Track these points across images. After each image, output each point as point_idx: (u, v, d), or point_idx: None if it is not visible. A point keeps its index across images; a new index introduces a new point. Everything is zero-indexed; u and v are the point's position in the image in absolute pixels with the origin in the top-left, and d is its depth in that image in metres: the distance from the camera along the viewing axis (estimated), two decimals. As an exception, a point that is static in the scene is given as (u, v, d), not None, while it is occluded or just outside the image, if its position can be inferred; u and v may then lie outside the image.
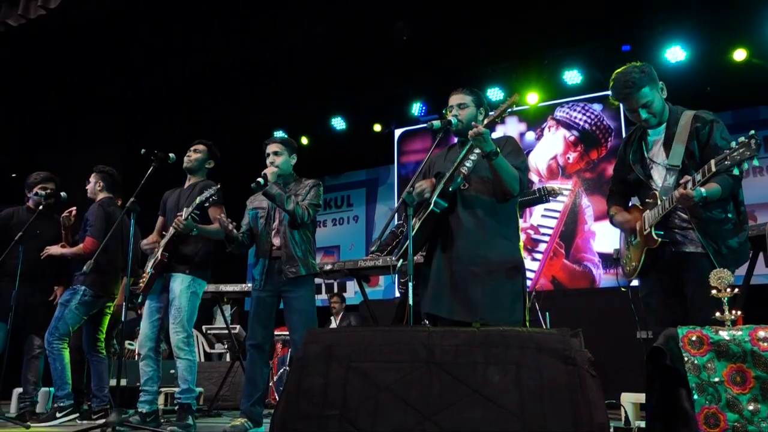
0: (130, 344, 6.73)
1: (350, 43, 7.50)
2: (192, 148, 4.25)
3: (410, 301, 2.85)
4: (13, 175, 7.50)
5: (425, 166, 3.28)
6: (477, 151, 3.03)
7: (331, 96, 8.87)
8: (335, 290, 9.09)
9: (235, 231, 3.73)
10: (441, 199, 3.05)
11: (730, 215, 2.68)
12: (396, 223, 5.29)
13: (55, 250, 4.58)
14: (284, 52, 7.49)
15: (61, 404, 4.41)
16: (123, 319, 3.77)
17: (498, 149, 2.94)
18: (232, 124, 9.09)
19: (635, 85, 2.80)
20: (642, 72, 2.83)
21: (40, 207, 4.66)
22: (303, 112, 9.22)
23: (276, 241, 3.76)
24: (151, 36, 7.03)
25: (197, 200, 3.83)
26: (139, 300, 4.08)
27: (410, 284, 2.86)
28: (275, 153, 3.87)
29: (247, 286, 5.83)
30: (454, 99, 3.26)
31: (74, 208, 4.76)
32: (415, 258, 3.51)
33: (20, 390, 4.72)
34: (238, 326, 7.42)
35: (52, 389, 5.20)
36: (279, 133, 9.52)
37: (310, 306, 3.70)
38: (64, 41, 6.95)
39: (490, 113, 3.27)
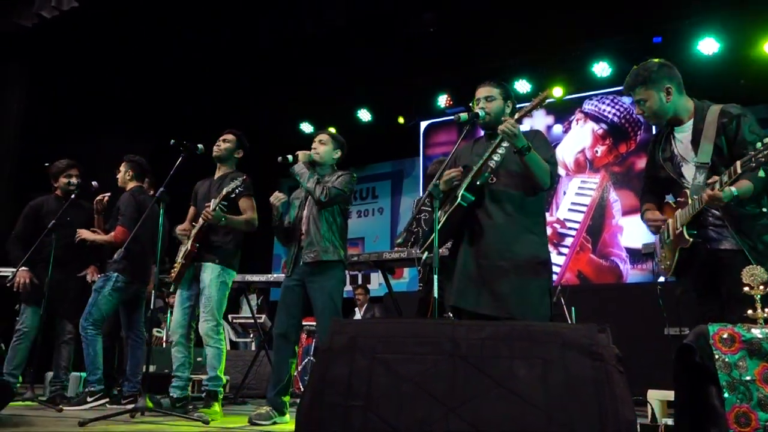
0: (158, 331, 6.83)
1: (376, 35, 7.48)
2: (221, 138, 4.29)
3: (435, 294, 2.84)
4: (46, 164, 7.66)
5: (451, 159, 3.26)
6: (505, 144, 3.01)
7: (356, 88, 8.87)
8: (360, 282, 9.13)
9: (281, 207, 3.74)
10: (468, 192, 3.03)
11: (765, 209, 2.62)
12: (411, 219, 5.30)
13: (87, 234, 4.67)
14: (310, 44, 7.51)
15: (92, 389, 4.50)
16: (152, 306, 3.84)
17: (530, 144, 2.91)
18: (259, 116, 9.15)
19: (627, 84, 2.89)
20: (644, 70, 2.84)
21: (72, 195, 4.76)
22: (329, 104, 9.24)
23: (303, 228, 3.78)
24: (181, 27, 7.11)
25: (224, 191, 3.87)
26: (171, 289, 4.15)
27: (435, 277, 2.86)
28: (320, 141, 3.90)
29: (273, 277, 5.88)
30: (482, 91, 3.24)
31: (108, 194, 4.85)
32: (440, 251, 3.49)
33: (51, 374, 4.83)
34: (263, 316, 7.49)
35: (82, 374, 5.30)
36: (306, 126, 9.56)
37: (333, 295, 3.65)
38: (95, 32, 7.05)
39: (518, 106, 3.25)
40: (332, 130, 8.54)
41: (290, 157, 3.71)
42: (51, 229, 4.52)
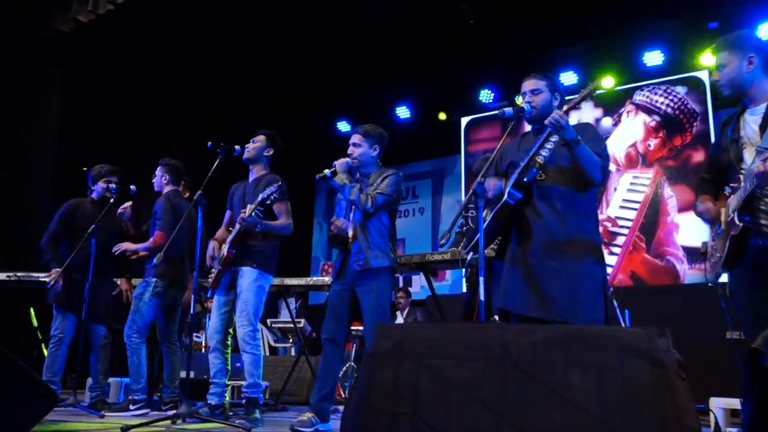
0: (197, 337, 6.95)
1: (414, 28, 7.47)
2: (252, 139, 4.35)
3: (482, 296, 2.82)
4: (84, 168, 7.88)
5: (496, 156, 3.23)
6: (553, 138, 2.97)
7: (395, 84, 8.88)
8: (401, 285, 9.12)
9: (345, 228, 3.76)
10: (515, 190, 3.00)
11: None
12: (460, 221, 5.25)
13: (127, 245, 4.77)
14: (347, 39, 7.55)
15: (136, 397, 4.59)
16: (191, 311, 3.90)
17: (579, 136, 2.87)
18: (295, 116, 9.25)
19: (716, 46, 2.82)
20: (732, 35, 2.81)
21: (111, 201, 4.87)
22: (366, 101, 9.28)
23: (350, 232, 3.79)
24: (217, 27, 7.22)
25: (259, 198, 3.91)
26: (208, 295, 4.22)
27: (481, 278, 2.83)
28: (354, 144, 3.86)
29: (312, 280, 5.93)
30: (527, 84, 3.20)
31: (129, 203, 4.94)
32: (487, 251, 3.47)
33: (91, 380, 4.94)
34: (303, 320, 7.56)
35: (123, 380, 5.43)
36: (343, 125, 9.62)
37: (382, 300, 3.64)
38: (131, 35, 7.23)
39: (566, 99, 3.20)
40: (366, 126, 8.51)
41: (327, 171, 3.70)
42: (90, 234, 4.63)
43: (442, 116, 9.38)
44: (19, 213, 7.40)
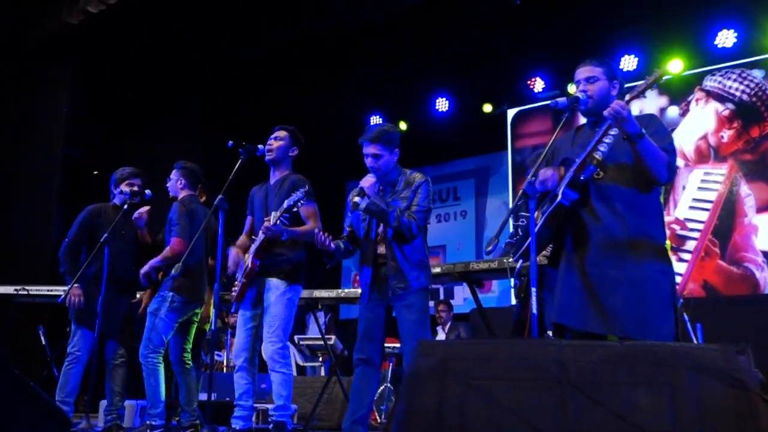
0: (217, 355, 7.04)
1: (453, 11, 7.46)
2: (273, 136, 4.36)
3: (534, 309, 2.80)
4: (95, 172, 8.05)
5: (549, 152, 3.22)
6: (613, 132, 2.94)
7: (433, 74, 8.88)
8: (441, 297, 9.11)
9: (332, 246, 3.79)
10: (571, 189, 2.98)
11: None
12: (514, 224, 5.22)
13: (144, 269, 4.76)
14: (379, 26, 7.59)
15: (154, 422, 4.65)
16: (212, 327, 3.95)
17: (642, 129, 2.84)
18: (322, 110, 9.30)
19: None
20: None
21: (125, 206, 4.94)
22: (401, 93, 9.29)
23: (381, 249, 3.80)
24: (233, 19, 7.32)
25: (285, 205, 3.93)
26: (233, 309, 4.26)
27: (533, 289, 2.82)
28: (374, 156, 3.79)
29: (344, 292, 5.94)
30: (582, 72, 3.18)
31: (145, 208, 5.01)
32: (539, 259, 3.44)
33: (105, 402, 5.02)
34: (333, 336, 7.59)
35: (139, 402, 5.51)
36: (376, 123, 9.64)
37: (422, 315, 3.69)
38: (142, 28, 7.38)
39: (627, 87, 3.17)
40: (373, 121, 8.55)
41: (360, 200, 3.69)
42: (104, 243, 4.70)
43: (487, 108, 9.35)
44: (27, 221, 7.60)
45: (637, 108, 7.65)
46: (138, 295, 5.22)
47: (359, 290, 5.70)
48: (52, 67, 7.82)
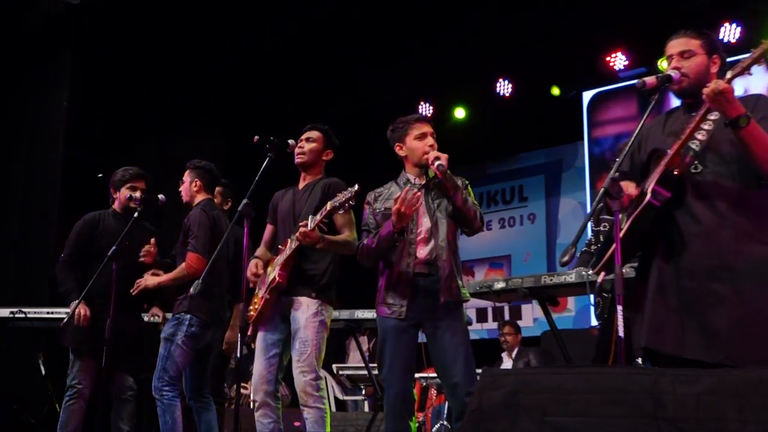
0: (244, 387, 7.11)
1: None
2: (304, 137, 4.39)
3: (620, 332, 2.78)
4: (99, 175, 8.21)
5: (635, 142, 3.19)
6: (713, 117, 2.91)
7: (492, 51, 8.85)
8: (507, 317, 9.05)
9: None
10: (662, 187, 2.95)
11: None
12: (589, 236, 5.19)
13: (152, 280, 4.87)
14: (426, 3, 7.61)
15: (169, 467, 4.70)
16: (237, 355, 3.98)
17: (749, 114, 2.80)
18: (358, 101, 9.33)
19: None
20: None
21: (135, 214, 4.99)
22: (455, 76, 9.27)
23: (422, 252, 3.81)
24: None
25: (328, 206, 3.93)
26: (249, 332, 4.24)
27: (618, 307, 2.80)
28: (433, 135, 3.96)
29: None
30: (675, 45, 3.15)
31: (153, 240, 5.04)
32: (625, 271, 3.41)
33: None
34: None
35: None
36: (426, 109, 9.65)
37: (466, 338, 3.79)
38: (154, 8, 7.51)
39: (729, 61, 3.12)
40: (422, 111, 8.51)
41: (442, 163, 3.73)
42: (111, 258, 4.77)
43: (556, 91, 9.29)
44: (23, 234, 7.73)
45: (741, 87, 7.50)
46: (146, 318, 5.28)
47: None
48: (49, 54, 7.95)
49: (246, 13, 7.73)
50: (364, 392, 7.85)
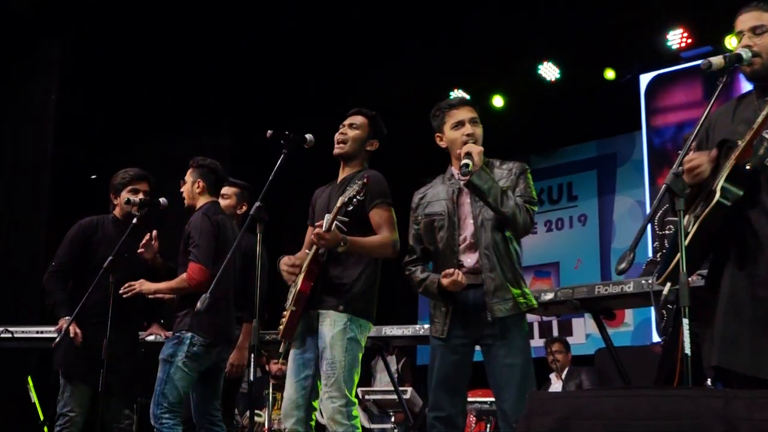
0: (258, 415, 7.14)
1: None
2: (347, 122, 4.34)
3: (686, 349, 2.77)
4: (93, 176, 8.28)
5: (701, 131, 3.17)
6: (791, 102, 2.89)
7: (535, 30, 8.83)
8: (555, 333, 9.02)
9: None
10: (732, 185, 2.93)
11: None
12: (654, 243, 5.15)
13: (148, 286, 4.85)
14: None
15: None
16: (249, 378, 3.98)
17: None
18: (386, 87, 9.33)
19: None
20: None
21: (134, 219, 4.99)
22: (493, 59, 9.26)
23: (469, 260, 3.80)
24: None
25: (339, 201, 3.90)
26: (280, 350, 4.24)
27: (684, 321, 2.78)
28: (473, 121, 3.90)
29: (423, 329, 5.95)
30: (746, 20, 3.14)
31: (153, 232, 5.05)
32: (691, 279, 3.39)
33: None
34: (409, 389, 7.61)
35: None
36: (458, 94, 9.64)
37: (524, 357, 3.70)
38: (157, 2, 7.57)
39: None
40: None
41: (468, 162, 3.71)
42: (107, 269, 4.78)
43: (610, 74, 9.25)
44: (8, 242, 7.76)
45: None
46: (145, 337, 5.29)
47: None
48: (37, 41, 7.98)
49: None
50: (393, 419, 7.84)
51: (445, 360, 3.81)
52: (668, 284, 3.19)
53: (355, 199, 3.88)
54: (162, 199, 5.09)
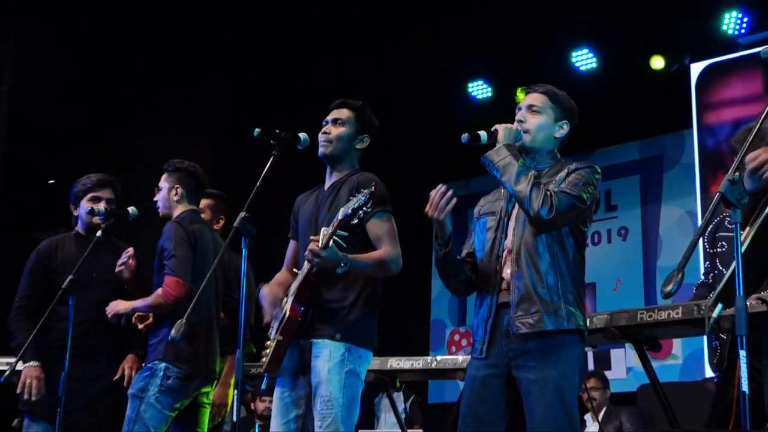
0: (241, 461, 7.13)
1: None
2: (330, 117, 4.34)
3: (744, 386, 2.77)
4: (51, 181, 8.27)
5: (762, 129, 3.17)
6: None
7: (566, 11, 8.84)
8: (591, 367, 9.01)
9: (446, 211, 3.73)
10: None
11: None
12: (705, 263, 5.14)
13: (123, 305, 4.85)
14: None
15: None
16: (233, 418, 3.98)
17: None
18: (396, 80, 9.35)
19: None
20: None
21: (99, 232, 4.98)
22: (517, 47, 9.28)
23: (507, 272, 3.77)
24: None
25: (339, 216, 3.88)
26: (264, 386, 4.24)
27: (741, 353, 2.78)
28: (532, 109, 3.90)
29: (436, 361, 5.92)
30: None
31: (130, 250, 5.04)
32: (750, 304, 3.39)
33: None
34: (420, 430, 7.61)
35: None
36: (479, 87, 9.64)
37: (565, 392, 3.58)
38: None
39: None
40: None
41: (482, 133, 3.70)
42: (66, 291, 4.75)
43: (656, 63, 9.24)
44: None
45: None
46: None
47: (459, 358, 5.70)
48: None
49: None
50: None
51: (474, 389, 3.75)
52: (720, 306, 3.19)
53: (361, 211, 3.85)
54: (131, 209, 5.08)
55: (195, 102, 8.93)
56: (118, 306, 4.87)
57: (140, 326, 4.85)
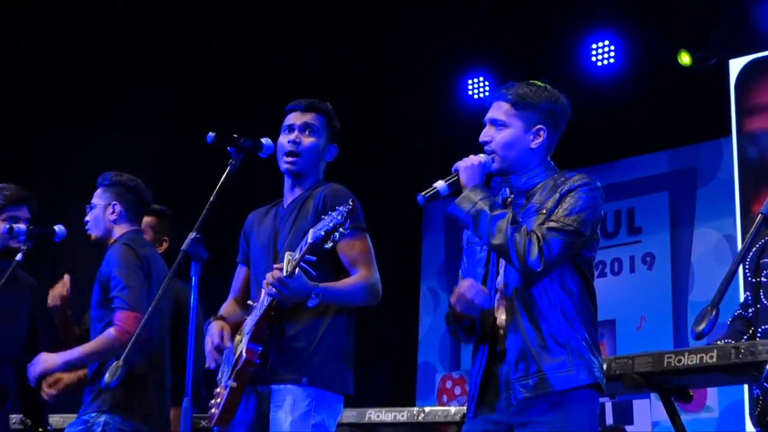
0: None
1: None
2: (299, 122, 4.31)
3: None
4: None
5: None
6: None
7: (585, 1, 8.90)
8: (610, 420, 9.03)
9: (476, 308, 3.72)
10: None
11: None
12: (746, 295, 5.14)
13: (52, 360, 4.78)
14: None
15: None
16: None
17: None
18: (384, 75, 9.39)
19: None
20: None
21: (18, 256, 4.99)
22: (523, 39, 9.32)
23: (502, 318, 3.76)
24: None
25: (310, 238, 3.84)
26: None
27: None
28: (495, 123, 3.81)
29: (423, 413, 5.93)
30: None
31: (66, 278, 5.03)
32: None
33: None
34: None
35: None
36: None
37: None
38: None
39: None
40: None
41: (440, 185, 3.62)
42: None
43: (686, 59, 9.29)
44: None
45: None
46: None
47: (452, 409, 5.71)
48: None
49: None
50: None
51: None
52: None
53: (336, 233, 3.75)
54: (58, 227, 5.08)
55: (133, 100, 8.92)
56: (45, 363, 4.82)
57: (51, 391, 4.84)
